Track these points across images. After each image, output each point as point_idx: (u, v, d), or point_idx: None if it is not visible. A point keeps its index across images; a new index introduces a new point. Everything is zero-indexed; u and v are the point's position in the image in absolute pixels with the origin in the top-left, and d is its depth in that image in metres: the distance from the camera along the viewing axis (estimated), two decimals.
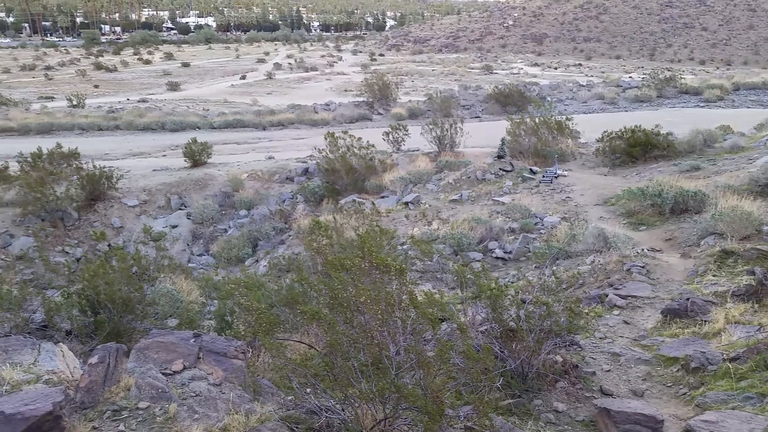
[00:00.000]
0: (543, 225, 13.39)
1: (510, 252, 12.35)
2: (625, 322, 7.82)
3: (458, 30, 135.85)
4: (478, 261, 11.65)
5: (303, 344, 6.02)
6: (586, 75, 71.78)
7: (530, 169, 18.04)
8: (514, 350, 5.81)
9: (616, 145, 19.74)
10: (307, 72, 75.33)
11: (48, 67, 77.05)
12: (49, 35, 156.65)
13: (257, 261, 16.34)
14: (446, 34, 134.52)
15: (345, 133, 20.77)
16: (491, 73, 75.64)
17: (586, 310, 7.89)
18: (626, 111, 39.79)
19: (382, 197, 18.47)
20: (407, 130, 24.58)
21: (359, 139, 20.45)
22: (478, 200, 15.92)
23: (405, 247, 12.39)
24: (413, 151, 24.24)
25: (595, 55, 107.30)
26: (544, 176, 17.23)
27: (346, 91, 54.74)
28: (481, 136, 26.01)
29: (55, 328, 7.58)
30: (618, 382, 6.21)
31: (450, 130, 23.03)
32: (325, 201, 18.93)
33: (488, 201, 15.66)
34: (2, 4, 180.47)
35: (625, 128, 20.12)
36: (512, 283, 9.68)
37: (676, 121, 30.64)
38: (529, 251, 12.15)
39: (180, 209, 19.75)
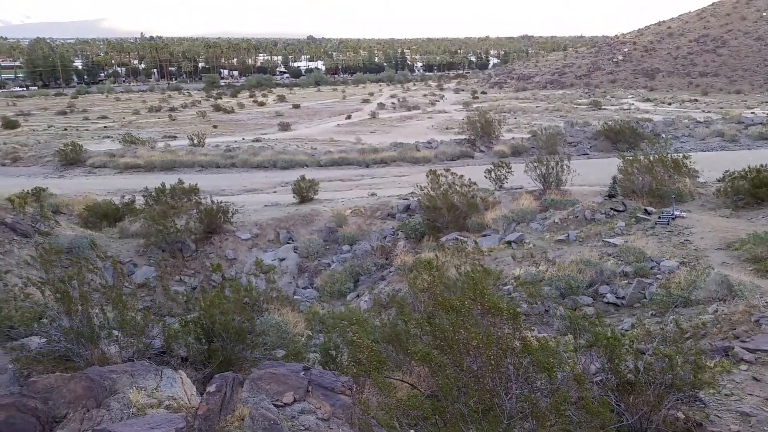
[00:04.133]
0: (659, 269, 12.59)
1: (623, 297, 11.69)
2: (755, 379, 7.14)
3: (564, 66, 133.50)
4: (589, 306, 11.11)
5: (406, 383, 5.96)
6: (703, 111, 67.91)
7: (644, 210, 17.12)
8: (632, 404, 5.45)
9: (740, 185, 18.38)
10: (409, 111, 76.75)
11: (172, 109, 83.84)
12: (174, 79, 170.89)
13: (358, 296, 16.54)
14: (551, 70, 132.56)
15: (446, 170, 20.78)
16: (600, 108, 73.42)
17: (711, 364, 7.28)
18: (749, 149, 37.15)
19: (484, 235, 18.21)
20: (510, 168, 24.23)
21: (461, 176, 20.39)
22: (587, 241, 15.28)
23: (508, 288, 12.08)
24: (516, 189, 23.82)
25: (712, 90, 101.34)
26: (660, 217, 16.28)
27: (447, 128, 55.12)
28: (590, 174, 25.15)
29: (172, 354, 7.96)
30: None
31: (556, 167, 22.42)
32: (426, 238, 18.93)
33: (598, 242, 14.98)
34: (136, 53, 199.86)
35: (749, 167, 18.72)
36: (626, 331, 9.13)
37: None
38: (644, 297, 11.44)
39: (288, 243, 20.50)
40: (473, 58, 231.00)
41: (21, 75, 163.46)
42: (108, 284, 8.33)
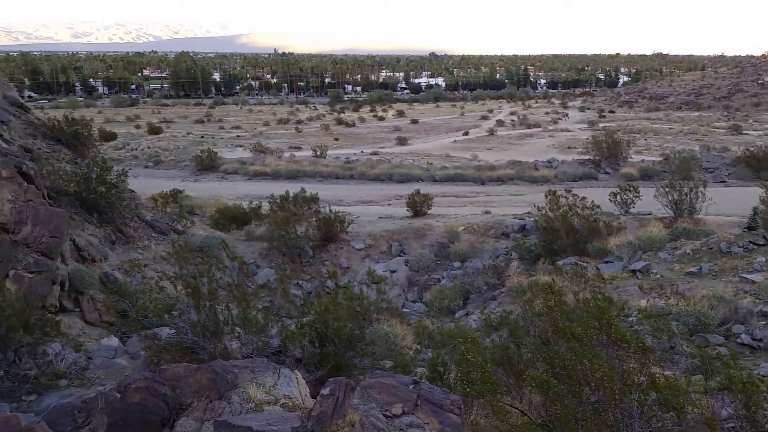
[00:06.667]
0: None
1: (760, 339, 10.60)
2: None
3: (701, 86, 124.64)
4: (721, 345, 10.20)
5: (516, 409, 5.77)
6: None
7: None
8: None
9: None
10: (529, 128, 75.08)
11: (299, 121, 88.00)
12: (302, 94, 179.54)
13: (468, 314, 16.31)
14: (687, 90, 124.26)
15: (567, 191, 20.01)
16: (740, 133, 67.74)
17: None
18: None
19: (606, 262, 17.29)
20: (638, 192, 22.87)
21: (582, 198, 19.54)
22: (721, 275, 14.05)
23: (632, 319, 11.38)
24: (644, 214, 22.44)
25: None
26: None
27: (569, 148, 53.29)
28: (727, 204, 23.23)
29: (287, 354, 8.26)
30: None
31: (690, 194, 20.85)
32: (542, 260, 18.30)
33: (734, 277, 13.73)
34: (269, 68, 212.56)
35: None
36: (764, 377, 8.27)
37: None
38: None
39: (399, 256, 20.70)
40: (601, 76, 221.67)
41: (166, 85, 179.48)
42: (234, 283, 8.81)
